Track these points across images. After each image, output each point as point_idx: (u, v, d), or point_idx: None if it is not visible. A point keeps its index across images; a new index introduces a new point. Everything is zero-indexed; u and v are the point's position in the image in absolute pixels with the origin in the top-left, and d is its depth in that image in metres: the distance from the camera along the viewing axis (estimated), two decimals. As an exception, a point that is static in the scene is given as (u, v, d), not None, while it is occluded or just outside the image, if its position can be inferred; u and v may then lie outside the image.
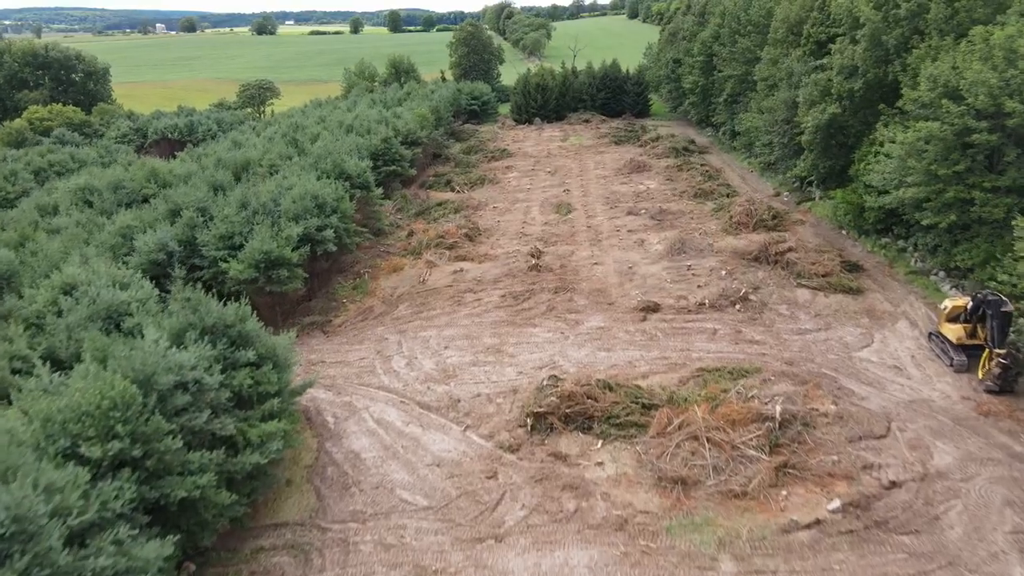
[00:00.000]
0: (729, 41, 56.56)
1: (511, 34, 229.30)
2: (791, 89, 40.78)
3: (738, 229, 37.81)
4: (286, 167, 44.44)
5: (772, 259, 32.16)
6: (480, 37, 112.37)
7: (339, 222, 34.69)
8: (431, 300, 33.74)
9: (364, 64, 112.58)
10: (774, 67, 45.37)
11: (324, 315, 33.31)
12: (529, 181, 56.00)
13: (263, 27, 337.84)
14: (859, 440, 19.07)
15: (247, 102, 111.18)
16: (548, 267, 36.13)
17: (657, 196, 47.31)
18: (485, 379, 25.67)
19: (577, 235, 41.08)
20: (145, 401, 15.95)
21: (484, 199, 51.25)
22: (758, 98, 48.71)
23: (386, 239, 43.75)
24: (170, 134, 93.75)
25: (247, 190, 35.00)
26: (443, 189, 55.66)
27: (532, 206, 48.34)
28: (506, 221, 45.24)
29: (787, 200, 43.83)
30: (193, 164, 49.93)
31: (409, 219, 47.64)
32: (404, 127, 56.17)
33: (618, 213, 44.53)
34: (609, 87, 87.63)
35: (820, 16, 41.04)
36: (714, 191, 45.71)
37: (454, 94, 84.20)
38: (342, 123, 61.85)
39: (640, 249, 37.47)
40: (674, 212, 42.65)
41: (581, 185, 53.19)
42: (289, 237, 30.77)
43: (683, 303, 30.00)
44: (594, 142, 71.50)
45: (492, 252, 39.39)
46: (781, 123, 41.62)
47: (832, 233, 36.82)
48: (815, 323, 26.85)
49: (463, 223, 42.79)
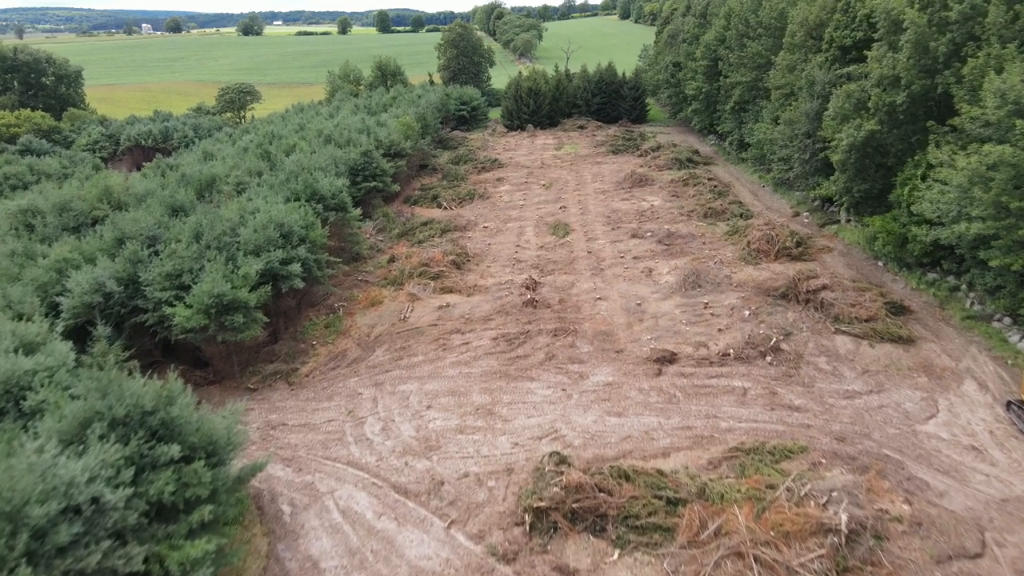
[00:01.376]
0: (737, 45, 52.61)
1: (501, 35, 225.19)
2: (813, 100, 36.82)
3: (758, 257, 33.80)
4: (254, 186, 40.25)
5: (803, 298, 28.12)
6: (469, 39, 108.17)
7: (308, 253, 30.49)
8: (413, 343, 29.59)
9: (349, 67, 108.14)
10: (791, 74, 41.40)
11: (290, 362, 29.07)
12: (522, 196, 51.89)
13: (249, 27, 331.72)
14: (949, 561, 15.03)
15: (226, 106, 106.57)
16: (545, 302, 32.04)
17: (663, 215, 43.26)
18: (474, 452, 21.55)
19: (577, 262, 36.99)
20: (9, 544, 11.78)
21: (473, 217, 47.12)
22: (772, 107, 44.77)
23: (365, 265, 39.56)
24: (143, 141, 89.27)
25: (202, 217, 30.69)
26: (429, 205, 51.50)
27: (526, 226, 44.22)
28: (497, 244, 41.10)
29: (808, 222, 39.82)
30: (155, 180, 45.53)
31: (391, 241, 43.46)
32: (387, 138, 51.98)
33: (621, 235, 40.46)
34: (605, 91, 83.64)
35: (844, 19, 37.09)
36: (726, 210, 41.67)
37: (442, 99, 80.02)
38: (321, 132, 57.66)
39: (648, 281, 33.40)
40: (683, 235, 38.59)
41: (579, 201, 49.12)
42: (247, 275, 26.52)
43: (703, 352, 25.93)
44: (590, 151, 67.46)
45: (482, 282, 35.27)
46: (801, 137, 37.65)
47: (866, 264, 32.75)
48: (864, 383, 22.77)
49: (450, 248, 38.60)
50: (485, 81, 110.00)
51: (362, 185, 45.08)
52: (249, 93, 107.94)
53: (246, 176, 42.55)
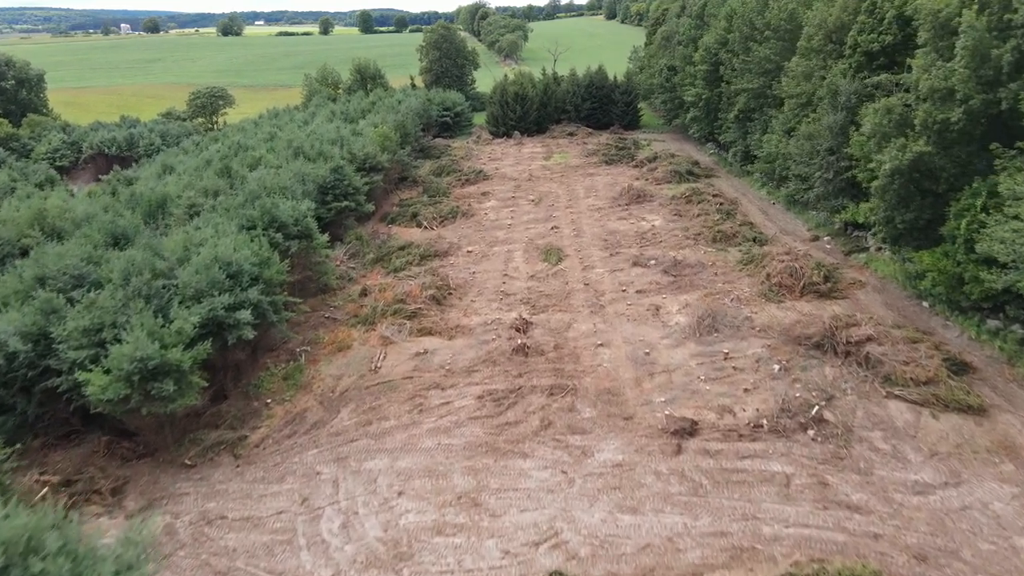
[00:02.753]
0: (741, 49, 48.55)
1: (486, 35, 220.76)
2: (837, 112, 32.78)
3: (780, 294, 29.66)
4: (209, 209, 35.72)
5: (843, 349, 23.97)
6: (453, 40, 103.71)
7: (262, 295, 26.03)
8: (384, 402, 25.22)
9: (327, 70, 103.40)
10: (807, 82, 37.35)
11: (238, 427, 24.59)
12: (510, 214, 47.59)
13: (228, 28, 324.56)
14: None
15: (197, 111, 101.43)
16: (538, 348, 27.76)
17: (666, 238, 39.06)
18: (455, 564, 17.24)
19: (573, 296, 32.73)
20: None
21: (456, 239, 42.75)
22: (784, 118, 40.71)
23: (333, 298, 35.12)
24: (107, 149, 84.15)
25: (137, 253, 26.11)
26: (408, 224, 47.07)
27: (514, 250, 39.90)
28: (483, 272, 36.77)
29: (830, 247, 35.71)
30: (101, 200, 40.80)
31: (365, 267, 39.02)
32: (362, 150, 47.50)
33: (621, 263, 36.22)
34: (595, 96, 79.46)
35: (870, 21, 33.07)
36: (736, 233, 37.49)
37: (424, 104, 75.51)
38: (291, 143, 53.14)
39: (656, 321, 29.18)
40: (691, 264, 34.40)
41: (572, 220, 44.86)
42: (182, 331, 22.04)
43: (729, 420, 21.73)
44: (581, 161, 63.23)
45: (465, 321, 30.95)
46: (824, 153, 33.60)
47: (908, 304, 28.45)
48: (935, 470, 18.61)
49: (429, 280, 34.18)
50: (469, 84, 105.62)
51: (332, 205, 40.61)
52: (221, 97, 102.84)
53: (201, 197, 37.95)
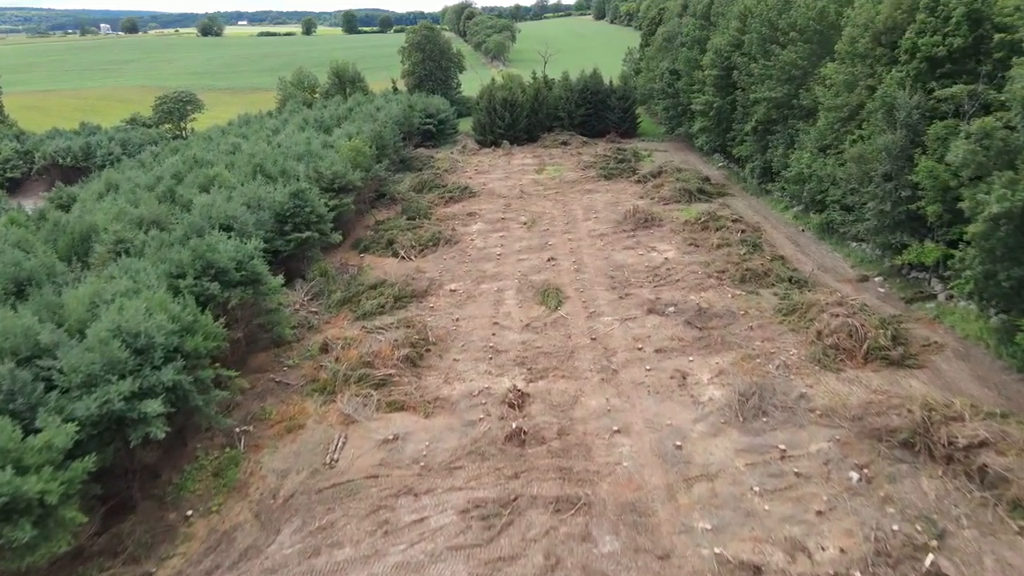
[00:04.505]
0: (759, 52, 42.90)
1: (472, 36, 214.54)
2: (895, 130, 27.16)
3: (838, 359, 23.92)
4: (139, 246, 29.66)
5: (943, 453, 18.25)
6: (436, 41, 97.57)
7: (181, 374, 20.06)
8: (339, 516, 19.29)
9: (302, 72, 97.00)
10: (849, 93, 31.72)
11: (142, 559, 18.54)
12: (499, 240, 41.70)
13: (208, 28, 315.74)
14: None
15: (164, 117, 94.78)
16: (538, 434, 21.93)
17: (683, 276, 33.29)
18: None
19: (577, 355, 26.89)
20: None
21: (437, 273, 36.84)
22: (818, 133, 35.06)
23: (289, 353, 29.15)
24: (61, 159, 77.56)
25: (9, 322, 20.00)
26: (383, 252, 41.06)
27: (506, 289, 34.04)
28: (468, 319, 30.90)
29: (884, 291, 29.98)
30: (16, 232, 34.51)
31: (330, 310, 33.04)
32: (329, 169, 41.45)
33: (632, 308, 30.42)
34: (590, 101, 73.66)
35: (933, 21, 27.46)
36: (768, 272, 31.72)
37: (405, 111, 69.40)
38: (253, 157, 47.08)
39: (684, 395, 23.38)
40: (719, 313, 28.65)
41: (571, 249, 39.03)
42: (51, 445, 16.03)
43: (804, 566, 15.93)
44: (577, 174, 57.40)
45: (446, 391, 25.05)
46: (879, 179, 27.97)
47: (1008, 379, 22.32)
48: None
49: (403, 335, 28.17)
50: (454, 88, 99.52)
51: (292, 236, 34.56)
52: (190, 102, 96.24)
53: (132, 229, 31.85)
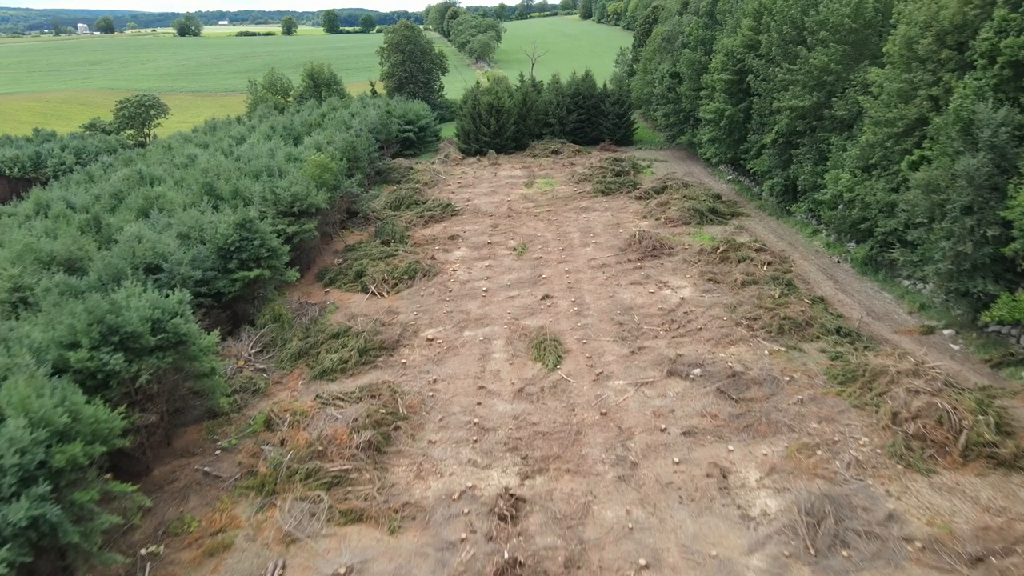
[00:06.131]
0: (780, 54, 37.59)
1: (456, 36, 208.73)
2: (975, 152, 21.93)
3: (925, 454, 18.58)
4: (41, 296, 23.86)
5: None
6: (417, 42, 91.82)
7: (43, 506, 14.41)
8: None
9: (275, 75, 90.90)
10: (905, 104, 26.45)
11: None
12: (485, 271, 36.17)
13: (185, 28, 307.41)
14: None
15: (125, 123, 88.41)
16: (538, 567, 16.39)
17: (706, 322, 27.85)
18: None
19: (585, 437, 21.38)
20: None
21: (413, 315, 31.27)
22: (862, 150, 29.72)
23: (225, 427, 23.49)
24: (8, 169, 71.29)
25: None
26: (351, 286, 35.44)
27: (493, 338, 28.49)
28: (448, 381, 25.33)
29: (958, 348, 24.51)
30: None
31: (282, 366, 27.37)
32: (288, 191, 35.73)
33: (648, 368, 24.95)
34: (582, 107, 68.29)
35: (1018, 18, 22.21)
36: (811, 320, 26.28)
37: (382, 117, 63.69)
38: (205, 174, 41.41)
39: (728, 505, 17.91)
40: (757, 377, 23.22)
41: (568, 284, 33.55)
42: None
43: None
44: (571, 188, 51.98)
45: (419, 493, 19.48)
46: (957, 212, 22.68)
47: None
48: None
49: (365, 412, 22.51)
50: (437, 91, 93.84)
51: (237, 275, 28.84)
52: (153, 107, 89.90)
53: (37, 272, 26.06)
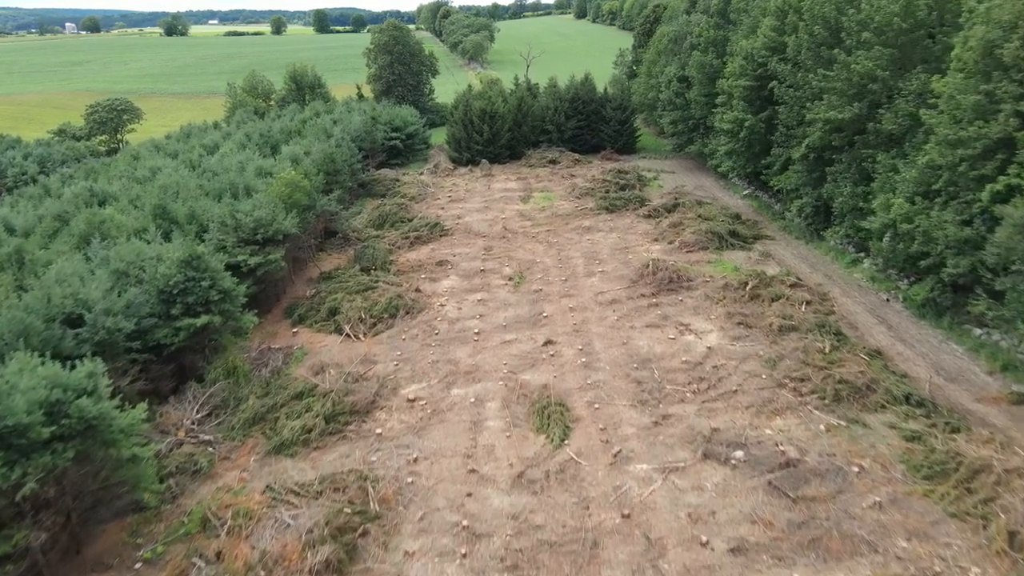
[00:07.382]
0: (812, 58, 33.09)
1: (449, 36, 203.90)
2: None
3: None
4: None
5: None
6: (406, 42, 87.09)
7: None
8: None
9: (255, 77, 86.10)
10: (983, 121, 21.99)
11: None
12: (477, 307, 31.55)
13: (172, 27, 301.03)
14: None
15: (97, 128, 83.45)
16: None
17: (741, 381, 23.25)
18: None
19: (604, 551, 16.73)
20: None
21: (392, 366, 26.61)
22: (920, 173, 25.24)
23: (153, 524, 18.80)
24: (-37, 180, 66.28)
25: None
26: (322, 326, 30.76)
27: (486, 399, 23.85)
28: (431, 461, 20.67)
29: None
30: None
31: (234, 434, 22.68)
32: (250, 215, 31.01)
33: (676, 446, 20.34)
34: (582, 112, 63.67)
35: None
36: (873, 382, 21.74)
37: (367, 123, 59.01)
38: (163, 192, 36.82)
39: (804, 674, 13.37)
40: (816, 466, 18.64)
41: (574, 326, 28.95)
42: None
43: None
44: (572, 205, 47.38)
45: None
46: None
47: None
48: None
49: (324, 519, 17.81)
50: (427, 94, 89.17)
51: (182, 323, 24.15)
52: (126, 111, 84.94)
53: (-69, 326, 21.31)
